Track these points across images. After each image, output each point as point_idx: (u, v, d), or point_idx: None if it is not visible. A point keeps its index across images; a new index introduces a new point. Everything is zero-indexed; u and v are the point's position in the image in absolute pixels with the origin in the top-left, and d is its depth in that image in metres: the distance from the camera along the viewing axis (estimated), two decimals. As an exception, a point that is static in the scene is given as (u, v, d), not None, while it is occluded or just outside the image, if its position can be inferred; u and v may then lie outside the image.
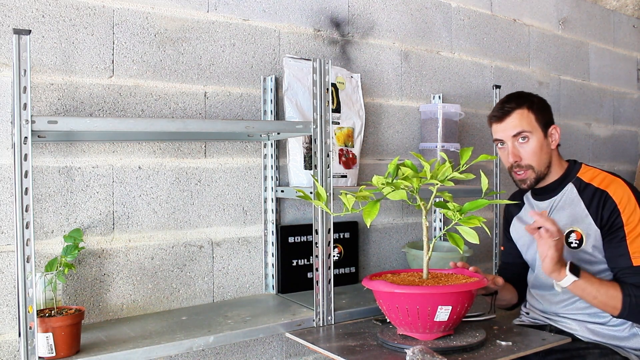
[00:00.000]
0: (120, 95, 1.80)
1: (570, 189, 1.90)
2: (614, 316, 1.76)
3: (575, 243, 1.84)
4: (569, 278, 1.66)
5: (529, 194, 2.03)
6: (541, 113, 1.89)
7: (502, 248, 2.19)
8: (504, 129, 1.89)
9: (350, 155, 2.15)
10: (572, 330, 1.86)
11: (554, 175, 1.93)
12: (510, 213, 2.11)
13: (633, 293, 1.70)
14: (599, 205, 1.80)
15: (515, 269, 2.08)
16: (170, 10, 1.88)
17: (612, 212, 1.78)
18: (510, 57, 2.88)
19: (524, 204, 2.06)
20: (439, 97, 2.50)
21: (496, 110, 1.93)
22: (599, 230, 1.80)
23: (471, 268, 1.78)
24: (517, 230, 2.06)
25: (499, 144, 1.94)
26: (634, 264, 1.74)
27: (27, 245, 1.32)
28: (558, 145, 1.94)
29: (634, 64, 3.61)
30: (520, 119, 1.87)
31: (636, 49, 3.62)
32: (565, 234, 1.85)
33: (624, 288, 1.71)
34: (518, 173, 1.90)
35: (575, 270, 1.68)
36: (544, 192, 1.95)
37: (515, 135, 1.87)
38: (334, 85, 2.13)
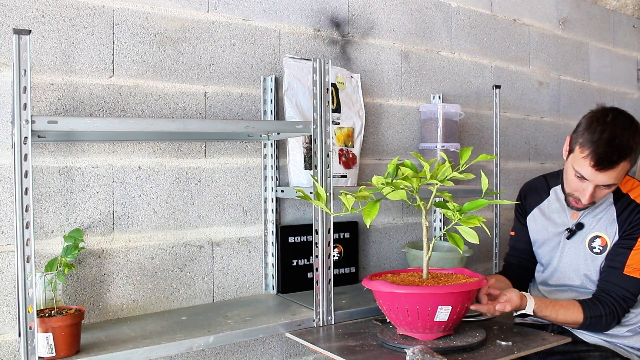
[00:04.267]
0: (120, 95, 1.80)
1: (608, 196, 1.87)
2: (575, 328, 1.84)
3: (599, 249, 1.85)
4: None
5: (558, 189, 1.99)
6: (635, 159, 1.75)
7: (512, 233, 2.12)
8: (598, 178, 1.72)
9: (350, 155, 2.15)
10: (574, 329, 1.86)
11: None
12: (529, 203, 2.06)
13: (592, 314, 1.76)
14: (629, 216, 1.81)
15: (524, 254, 2.06)
16: (170, 10, 1.88)
17: (636, 225, 1.80)
18: (510, 57, 2.88)
19: (547, 195, 2.02)
20: (439, 97, 2.50)
21: (602, 158, 1.68)
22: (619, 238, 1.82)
23: None
24: (535, 221, 2.04)
25: (581, 176, 1.76)
26: (624, 272, 1.77)
27: (27, 245, 1.32)
28: None
29: (634, 64, 3.61)
30: (617, 173, 1.71)
31: (636, 49, 3.62)
32: (589, 239, 1.87)
33: (585, 310, 1.76)
34: (579, 203, 1.82)
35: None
36: None
37: (604, 185, 1.75)
38: (334, 85, 2.13)
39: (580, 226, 1.90)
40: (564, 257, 1.92)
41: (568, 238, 1.92)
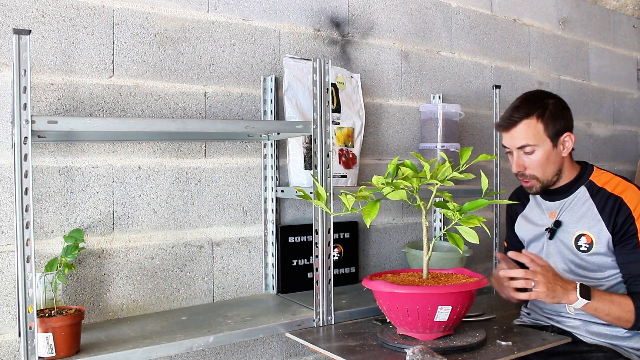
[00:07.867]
0: (120, 95, 1.80)
1: (582, 192, 1.88)
2: (626, 329, 1.76)
3: (585, 247, 1.83)
4: (580, 302, 1.66)
5: None
6: (553, 122, 1.82)
7: (505, 244, 2.18)
8: (510, 139, 1.86)
9: (350, 155, 2.15)
10: (573, 330, 1.86)
11: (565, 178, 1.91)
12: (514, 210, 2.10)
13: None
14: (613, 210, 1.79)
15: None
16: (170, 10, 1.88)
17: (626, 219, 1.77)
18: (510, 57, 2.88)
19: (528, 201, 2.04)
20: (439, 97, 2.50)
21: (504, 118, 1.87)
22: (610, 236, 1.79)
23: None
24: (522, 228, 2.05)
25: (506, 149, 1.92)
26: None
27: (27, 245, 1.32)
28: (572, 149, 1.92)
29: (634, 64, 3.61)
30: (526, 131, 1.81)
31: (636, 49, 3.62)
32: (575, 237, 1.85)
33: (636, 300, 1.70)
34: (524, 181, 1.90)
35: (586, 291, 1.67)
36: (554, 193, 1.93)
37: (520, 147, 1.84)
38: (334, 85, 2.13)
39: (558, 224, 1.90)
40: (549, 259, 1.90)
41: (550, 238, 1.91)
